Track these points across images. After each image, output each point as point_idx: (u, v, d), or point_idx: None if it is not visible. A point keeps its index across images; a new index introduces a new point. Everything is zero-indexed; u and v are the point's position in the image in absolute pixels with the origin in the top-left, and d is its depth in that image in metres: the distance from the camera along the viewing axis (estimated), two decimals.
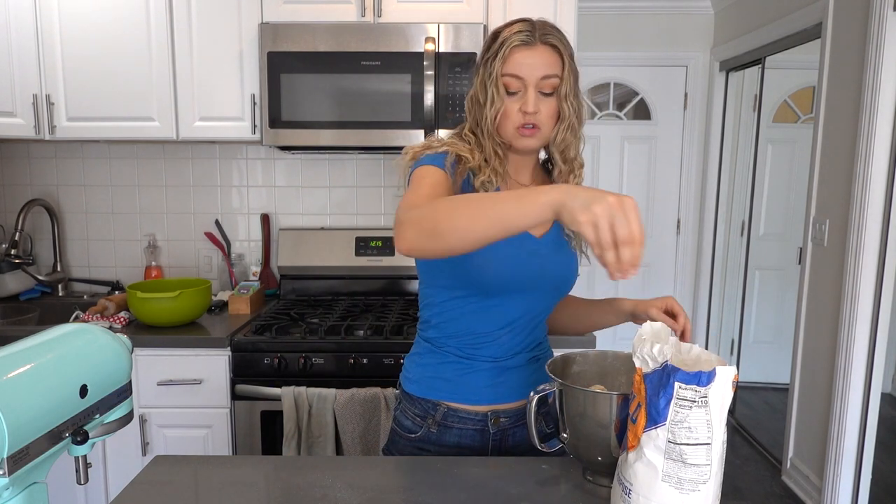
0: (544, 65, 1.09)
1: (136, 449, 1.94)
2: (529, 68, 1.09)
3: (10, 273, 2.37)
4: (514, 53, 1.09)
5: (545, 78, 1.09)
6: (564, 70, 1.10)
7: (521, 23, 1.11)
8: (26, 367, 0.71)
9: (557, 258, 1.19)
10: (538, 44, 1.10)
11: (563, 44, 1.11)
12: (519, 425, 1.19)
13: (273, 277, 2.49)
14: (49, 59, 2.10)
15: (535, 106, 1.09)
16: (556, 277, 1.20)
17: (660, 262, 4.09)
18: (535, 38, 1.09)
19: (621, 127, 3.98)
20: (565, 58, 1.11)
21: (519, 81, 1.09)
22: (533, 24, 1.11)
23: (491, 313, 1.16)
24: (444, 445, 1.17)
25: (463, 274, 1.14)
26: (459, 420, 1.17)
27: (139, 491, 0.98)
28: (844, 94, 2.49)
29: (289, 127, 2.06)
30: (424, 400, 1.19)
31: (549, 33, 1.11)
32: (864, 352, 2.43)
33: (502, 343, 1.18)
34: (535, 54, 1.09)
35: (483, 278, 1.13)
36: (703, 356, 0.83)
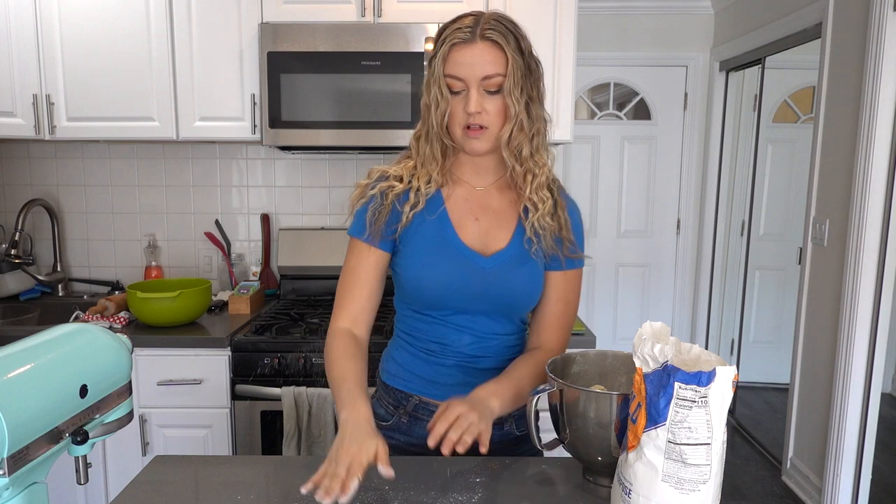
0: (484, 63, 1.03)
1: (136, 449, 1.94)
2: (468, 68, 1.04)
3: (10, 273, 2.37)
4: (453, 53, 1.04)
5: (486, 78, 1.04)
6: (508, 66, 1.04)
7: (464, 18, 1.06)
8: (26, 367, 0.71)
9: (510, 276, 1.13)
10: (478, 41, 1.04)
11: (506, 38, 1.04)
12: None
13: (273, 277, 2.49)
14: (49, 59, 2.10)
15: (478, 105, 1.04)
16: (505, 295, 1.14)
17: (660, 262, 4.09)
18: (474, 34, 1.03)
19: (621, 127, 3.97)
20: (508, 52, 1.04)
21: (460, 82, 1.05)
22: (477, 19, 1.05)
23: (444, 325, 1.17)
24: (412, 436, 1.18)
25: (405, 289, 1.17)
26: (429, 413, 1.17)
27: (139, 491, 0.97)
28: (844, 94, 2.49)
29: (289, 127, 2.06)
30: (398, 390, 1.20)
31: (492, 27, 1.04)
32: (864, 352, 2.43)
33: (465, 350, 1.17)
34: (474, 52, 1.03)
35: (419, 294, 1.15)
36: (703, 356, 0.83)
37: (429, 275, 1.13)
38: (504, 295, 1.13)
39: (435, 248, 1.13)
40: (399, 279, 1.17)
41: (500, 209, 1.16)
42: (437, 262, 1.12)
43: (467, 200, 1.16)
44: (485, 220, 1.15)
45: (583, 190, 4.03)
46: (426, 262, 1.13)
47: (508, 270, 1.13)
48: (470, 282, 1.12)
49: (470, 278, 1.12)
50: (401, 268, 1.15)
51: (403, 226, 1.13)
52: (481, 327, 1.16)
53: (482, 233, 1.15)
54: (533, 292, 1.16)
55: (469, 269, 1.12)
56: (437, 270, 1.12)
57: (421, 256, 1.13)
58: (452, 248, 1.13)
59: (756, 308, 4.01)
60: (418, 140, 1.14)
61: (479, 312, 1.15)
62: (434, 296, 1.14)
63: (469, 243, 1.13)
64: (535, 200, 1.11)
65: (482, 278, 1.12)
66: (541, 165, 1.12)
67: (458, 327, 1.16)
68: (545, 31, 2.11)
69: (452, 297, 1.13)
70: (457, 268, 1.12)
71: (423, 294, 1.15)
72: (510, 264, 1.13)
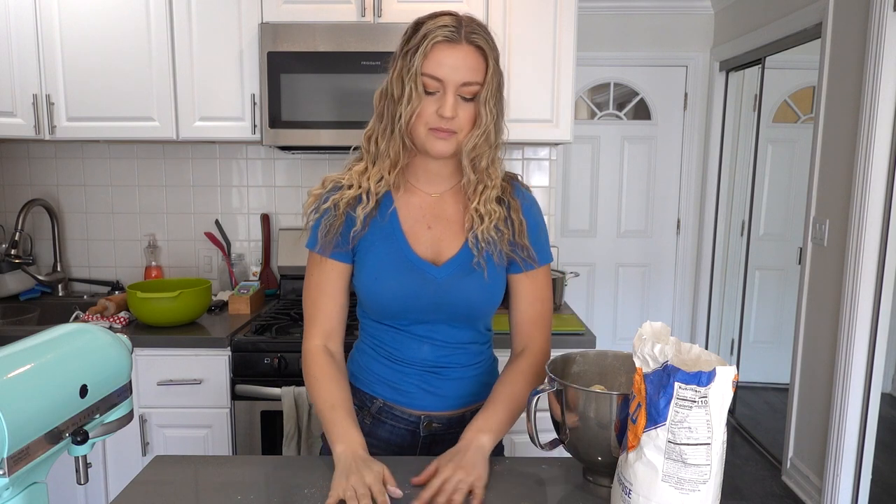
0: (467, 68, 1.00)
1: (136, 449, 1.94)
2: (451, 70, 1.00)
3: (10, 273, 2.37)
4: (436, 50, 1.00)
5: (466, 84, 1.01)
6: (488, 74, 1.02)
7: (446, 16, 1.02)
8: (26, 367, 0.71)
9: (461, 284, 1.11)
10: (463, 42, 1.00)
11: (489, 45, 1.03)
12: (452, 433, 1.13)
13: (273, 277, 2.49)
14: (49, 59, 2.10)
15: (454, 111, 1.01)
16: (460, 303, 1.12)
17: (660, 262, 4.09)
18: (460, 35, 1.00)
19: (621, 127, 3.98)
20: (490, 61, 1.02)
21: (438, 83, 1.01)
22: (459, 20, 1.02)
23: (404, 334, 1.15)
24: (375, 438, 1.17)
25: (364, 302, 1.16)
26: (393, 417, 1.17)
27: (139, 491, 0.97)
28: (844, 94, 2.49)
29: (289, 127, 2.06)
30: (362, 392, 1.19)
31: (476, 32, 1.02)
32: (864, 352, 2.43)
33: (425, 357, 1.16)
34: (458, 54, 1.00)
35: (376, 305, 1.14)
36: (703, 356, 0.83)
37: (383, 287, 1.11)
38: (458, 303, 1.12)
39: (388, 259, 1.11)
40: (356, 290, 1.16)
41: (453, 217, 1.13)
42: (391, 275, 1.10)
43: (420, 208, 1.13)
44: (437, 228, 1.13)
45: (583, 190, 4.03)
46: (380, 274, 1.11)
47: (460, 278, 1.11)
48: (423, 292, 1.10)
49: (423, 289, 1.10)
50: (357, 280, 1.14)
51: (359, 232, 1.10)
52: (441, 336, 1.15)
53: (434, 241, 1.12)
54: (488, 299, 1.13)
55: (422, 280, 1.10)
56: (392, 282, 1.10)
57: (375, 269, 1.11)
58: (405, 259, 1.11)
59: (756, 308, 4.01)
60: (371, 139, 1.09)
61: (438, 321, 1.14)
62: (390, 307, 1.13)
63: (421, 253, 1.11)
64: (483, 213, 1.09)
65: (436, 288, 1.10)
66: (493, 178, 1.09)
67: (417, 337, 1.15)
68: (545, 31, 2.11)
69: (408, 308, 1.12)
70: (410, 279, 1.10)
71: (379, 306, 1.14)
72: (461, 272, 1.11)
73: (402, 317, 1.14)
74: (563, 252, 3.32)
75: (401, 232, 1.12)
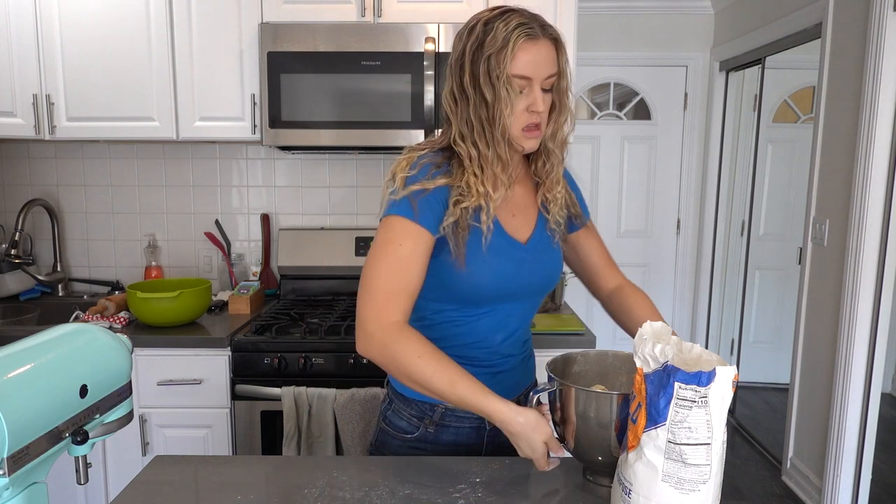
0: (549, 62, 1.03)
1: (136, 449, 1.94)
2: (535, 66, 1.02)
3: (10, 273, 2.37)
4: (522, 50, 1.01)
5: (548, 77, 1.04)
6: (565, 65, 1.06)
7: (514, 13, 1.03)
8: (26, 367, 0.71)
9: (543, 260, 1.17)
10: (542, 38, 1.02)
11: (561, 36, 1.07)
12: None
13: (273, 277, 2.49)
14: (49, 59, 2.10)
15: (543, 104, 1.04)
16: (543, 279, 1.18)
17: (660, 262, 4.09)
18: (537, 31, 1.02)
19: (621, 127, 3.98)
20: (563, 51, 1.06)
21: (526, 80, 1.02)
22: (530, 15, 1.04)
23: (481, 322, 1.14)
24: (440, 444, 1.17)
25: (452, 290, 1.11)
26: (457, 419, 1.16)
27: (139, 491, 0.98)
28: (844, 94, 2.49)
29: (289, 127, 2.06)
30: (421, 402, 1.16)
31: (546, 24, 1.05)
32: (864, 352, 2.43)
33: (495, 349, 1.16)
34: (541, 50, 1.02)
35: (475, 293, 1.11)
36: (704, 356, 0.83)
37: (486, 270, 1.09)
38: (542, 278, 1.18)
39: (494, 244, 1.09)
40: (451, 278, 1.09)
41: (526, 202, 1.19)
42: (496, 259, 1.10)
43: (505, 199, 1.13)
44: (518, 215, 1.18)
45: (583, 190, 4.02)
46: (488, 260, 1.09)
47: (542, 253, 1.17)
48: (521, 271, 1.14)
49: (521, 268, 1.14)
50: (452, 267, 1.08)
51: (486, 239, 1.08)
52: (514, 320, 1.18)
53: (518, 226, 1.17)
54: (559, 270, 1.23)
55: (518, 260, 1.14)
56: (497, 265, 1.11)
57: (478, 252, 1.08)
58: (504, 241, 1.12)
59: (756, 308, 4.01)
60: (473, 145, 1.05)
61: (518, 299, 1.17)
62: (492, 289, 1.11)
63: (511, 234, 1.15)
64: (556, 194, 1.17)
65: (527, 265, 1.15)
66: (562, 162, 1.18)
67: (492, 326, 1.15)
68: None
69: (507, 287, 1.13)
70: (509, 259, 1.13)
71: (482, 290, 1.10)
72: (542, 247, 1.17)
73: (497, 299, 1.13)
74: None
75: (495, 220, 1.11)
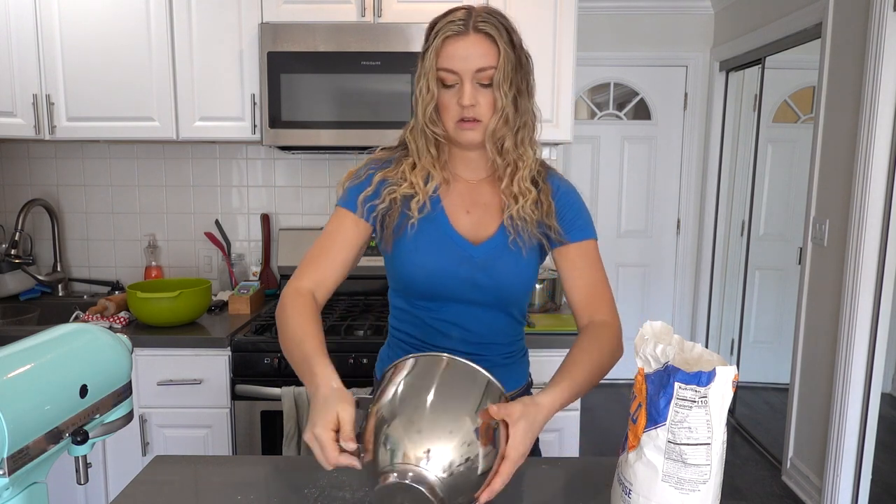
0: (478, 55, 1.04)
1: (136, 449, 1.94)
2: (462, 61, 1.04)
3: (10, 273, 2.37)
4: (447, 45, 1.05)
5: (480, 70, 1.04)
6: (500, 58, 1.04)
7: (456, 11, 1.07)
8: (26, 367, 0.71)
9: (497, 266, 1.13)
10: (471, 33, 1.04)
11: (498, 30, 1.05)
12: None
13: (273, 277, 2.49)
14: (49, 59, 2.10)
15: (472, 98, 1.05)
16: (497, 286, 1.14)
17: (660, 262, 4.10)
18: (467, 26, 1.04)
19: (621, 127, 3.98)
20: (500, 45, 1.05)
21: (454, 75, 1.05)
22: (469, 12, 1.06)
23: (438, 316, 1.17)
24: None
25: (398, 278, 1.18)
26: None
27: (139, 491, 0.98)
28: (844, 94, 2.49)
29: (289, 127, 2.06)
30: None
31: (484, 20, 1.05)
32: (864, 352, 2.43)
33: (457, 344, 1.17)
34: (467, 45, 1.04)
35: (412, 283, 1.15)
36: (704, 356, 0.83)
37: (421, 260, 1.13)
38: (492, 283, 1.14)
39: (428, 235, 1.14)
40: (392, 267, 1.18)
41: (491, 202, 1.17)
42: (430, 248, 1.13)
43: (460, 194, 1.17)
44: (476, 212, 1.16)
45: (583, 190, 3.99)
46: (419, 247, 1.13)
47: (496, 258, 1.13)
48: (460, 269, 1.13)
49: (460, 266, 1.13)
50: (396, 258, 1.16)
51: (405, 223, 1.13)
52: (473, 322, 1.17)
53: (473, 224, 1.16)
54: (520, 282, 1.16)
55: (459, 257, 1.13)
56: (430, 256, 1.13)
57: (414, 242, 1.14)
58: (444, 234, 1.14)
59: (756, 308, 4.01)
60: (412, 134, 1.14)
61: (471, 303, 1.15)
62: (425, 283, 1.14)
63: (461, 232, 1.15)
64: (516, 193, 1.12)
65: (472, 266, 1.13)
66: (525, 159, 1.12)
67: (447, 323, 1.16)
68: (545, 31, 2.11)
69: (443, 285, 1.14)
70: (447, 255, 1.13)
71: (414, 281, 1.15)
72: (498, 252, 1.13)
73: (436, 295, 1.15)
74: None
75: (443, 213, 1.15)
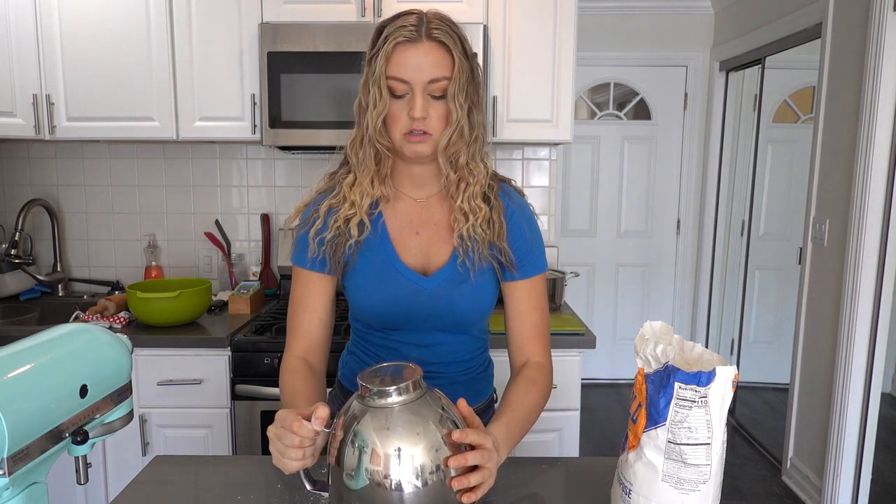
0: (430, 65, 0.97)
1: (136, 449, 1.94)
2: (415, 70, 0.97)
3: (10, 273, 2.37)
4: (398, 52, 0.97)
5: (433, 81, 0.97)
6: (454, 69, 0.98)
7: (407, 16, 0.99)
8: (26, 367, 0.71)
9: (452, 294, 1.08)
10: (424, 40, 0.97)
11: (453, 39, 0.99)
12: None
13: (273, 277, 2.49)
14: (49, 59, 2.10)
15: (424, 111, 0.98)
16: (450, 313, 1.09)
17: (660, 262, 4.10)
18: (420, 33, 0.97)
19: (621, 127, 3.98)
20: (455, 54, 0.98)
21: (405, 84, 0.98)
22: (421, 17, 0.99)
23: (395, 338, 1.14)
24: None
25: (352, 307, 1.15)
26: None
27: (139, 491, 0.98)
28: (844, 94, 2.49)
29: (289, 127, 2.06)
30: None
31: (438, 27, 0.98)
32: (864, 352, 2.43)
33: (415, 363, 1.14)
34: (420, 53, 0.97)
35: (364, 314, 1.13)
36: (705, 356, 0.83)
37: (372, 299, 1.09)
38: (449, 313, 1.09)
39: (377, 270, 1.09)
40: (348, 298, 1.15)
41: (441, 221, 1.10)
42: (381, 286, 1.09)
43: (407, 214, 1.11)
44: (425, 233, 1.10)
45: (583, 190, 4.04)
46: (369, 285, 1.09)
47: (451, 289, 1.08)
48: (413, 304, 1.08)
49: (413, 300, 1.08)
50: (348, 289, 1.13)
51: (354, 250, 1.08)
52: (433, 341, 1.13)
53: (423, 248, 1.10)
54: (479, 307, 1.11)
55: (411, 291, 1.08)
56: (380, 294, 1.09)
57: (364, 279, 1.10)
58: (394, 269, 1.09)
59: (756, 308, 4.01)
60: (353, 147, 1.07)
61: (429, 329, 1.12)
62: (380, 318, 1.11)
63: (410, 261, 1.09)
64: (467, 210, 1.06)
65: (426, 299, 1.08)
66: (476, 174, 1.05)
67: (405, 344, 1.13)
68: (545, 31, 2.11)
69: (398, 319, 1.10)
70: (399, 291, 1.08)
71: (369, 315, 1.12)
72: (452, 282, 1.08)
73: (393, 327, 1.13)
74: (563, 252, 3.33)
75: (388, 241, 1.10)
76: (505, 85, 2.13)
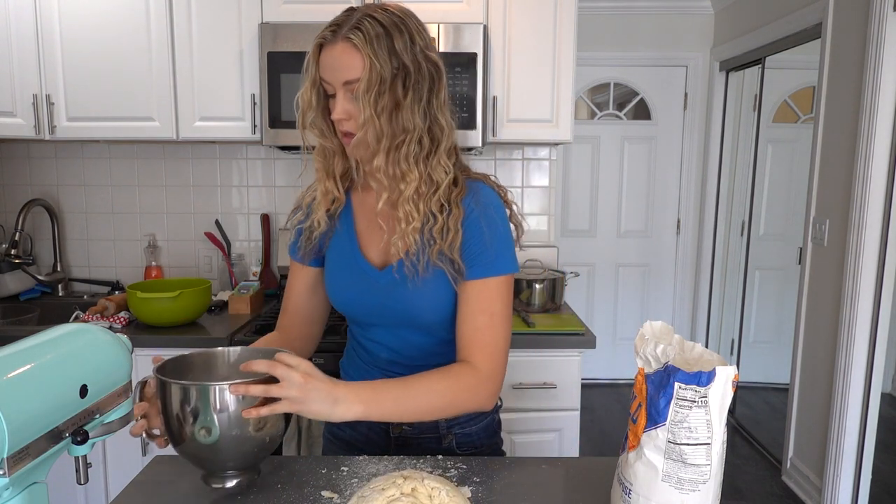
0: (343, 67, 0.95)
1: (136, 449, 1.94)
2: (331, 70, 0.96)
3: (10, 273, 2.37)
4: (322, 53, 0.97)
5: (349, 83, 0.95)
6: (364, 69, 0.94)
7: (342, 14, 0.98)
8: (26, 367, 0.71)
9: (400, 292, 1.06)
10: (339, 41, 0.94)
11: (367, 37, 0.93)
12: (423, 437, 1.15)
13: (273, 277, 2.49)
14: (49, 59, 2.10)
15: (342, 112, 0.97)
16: (401, 309, 1.07)
17: (660, 262, 4.10)
18: (337, 34, 0.95)
19: (621, 127, 3.98)
20: (364, 53, 0.93)
21: (330, 85, 0.98)
22: (349, 14, 0.97)
23: (367, 336, 1.16)
24: (356, 432, 1.19)
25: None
26: None
27: (139, 491, 0.98)
28: (844, 94, 2.49)
29: (289, 127, 2.06)
30: None
31: (357, 25, 0.94)
32: (864, 352, 2.43)
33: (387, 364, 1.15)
34: (334, 53, 0.95)
35: (335, 306, 1.17)
36: (705, 355, 0.83)
37: (335, 289, 1.14)
38: (403, 310, 1.07)
39: (340, 262, 1.12)
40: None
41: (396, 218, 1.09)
42: (341, 277, 1.12)
43: (374, 208, 1.09)
44: (389, 228, 1.08)
45: (583, 190, 4.04)
46: (334, 277, 1.14)
47: (401, 284, 1.05)
48: (367, 296, 1.09)
49: (367, 293, 1.09)
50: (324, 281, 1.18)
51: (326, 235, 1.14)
52: (400, 343, 1.12)
53: (386, 243, 1.09)
54: (431, 306, 1.06)
55: (366, 284, 1.09)
56: (341, 284, 1.12)
57: (331, 271, 1.14)
58: (354, 262, 1.11)
59: (756, 308, 4.01)
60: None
61: (394, 326, 1.11)
62: (343, 309, 1.15)
63: (372, 256, 1.10)
64: (401, 216, 1.02)
65: (378, 292, 1.08)
66: (408, 180, 1.00)
67: (375, 343, 1.15)
68: (545, 31, 2.11)
69: (356, 311, 1.14)
70: (356, 282, 1.10)
71: (339, 308, 1.16)
72: (403, 278, 1.05)
73: (358, 320, 1.16)
74: (563, 252, 3.33)
75: (354, 234, 1.12)
76: (505, 85, 2.13)
